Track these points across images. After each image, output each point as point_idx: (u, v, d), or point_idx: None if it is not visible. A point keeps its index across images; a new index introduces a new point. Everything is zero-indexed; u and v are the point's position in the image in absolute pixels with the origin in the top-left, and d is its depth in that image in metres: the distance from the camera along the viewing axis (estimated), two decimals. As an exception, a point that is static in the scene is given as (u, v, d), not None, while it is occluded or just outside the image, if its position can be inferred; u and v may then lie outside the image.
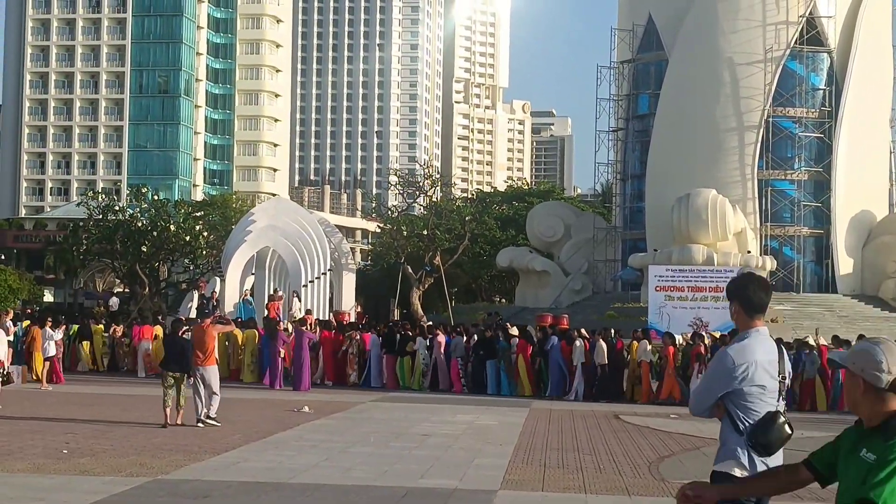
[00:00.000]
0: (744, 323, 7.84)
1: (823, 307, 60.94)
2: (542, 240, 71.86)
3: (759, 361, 7.59)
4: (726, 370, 7.57)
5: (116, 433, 21.81)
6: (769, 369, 7.61)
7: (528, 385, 36.19)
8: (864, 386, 5.28)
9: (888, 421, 5.22)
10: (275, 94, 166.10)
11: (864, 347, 5.36)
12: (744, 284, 7.95)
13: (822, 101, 65.83)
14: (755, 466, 7.46)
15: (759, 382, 7.56)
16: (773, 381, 7.62)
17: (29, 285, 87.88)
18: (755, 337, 7.71)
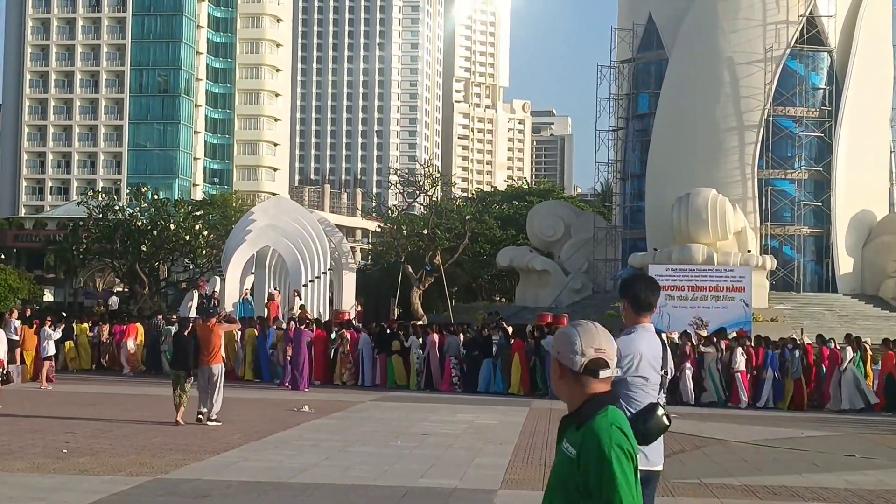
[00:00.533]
0: (631, 319, 8.26)
1: (823, 306, 60.96)
2: (543, 239, 71.86)
3: (643, 354, 8.07)
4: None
5: (116, 433, 21.79)
6: (653, 363, 8.09)
7: (518, 384, 36.15)
8: (561, 370, 5.10)
9: (581, 407, 5.02)
10: (275, 94, 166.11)
11: (563, 331, 5.17)
12: (633, 284, 8.37)
13: (822, 101, 65.83)
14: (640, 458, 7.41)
15: (643, 374, 8.04)
16: (656, 375, 8.11)
17: (29, 285, 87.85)
18: (641, 332, 8.17)
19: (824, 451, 22.29)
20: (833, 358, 34.00)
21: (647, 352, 8.11)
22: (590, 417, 4.92)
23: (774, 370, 34.19)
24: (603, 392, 5.03)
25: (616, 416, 4.94)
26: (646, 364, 8.08)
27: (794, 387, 34.25)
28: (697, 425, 26.80)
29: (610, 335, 5.15)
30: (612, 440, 4.81)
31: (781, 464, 20.07)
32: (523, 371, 36.38)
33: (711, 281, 44.47)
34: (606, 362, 5.04)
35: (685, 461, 20.05)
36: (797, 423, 28.66)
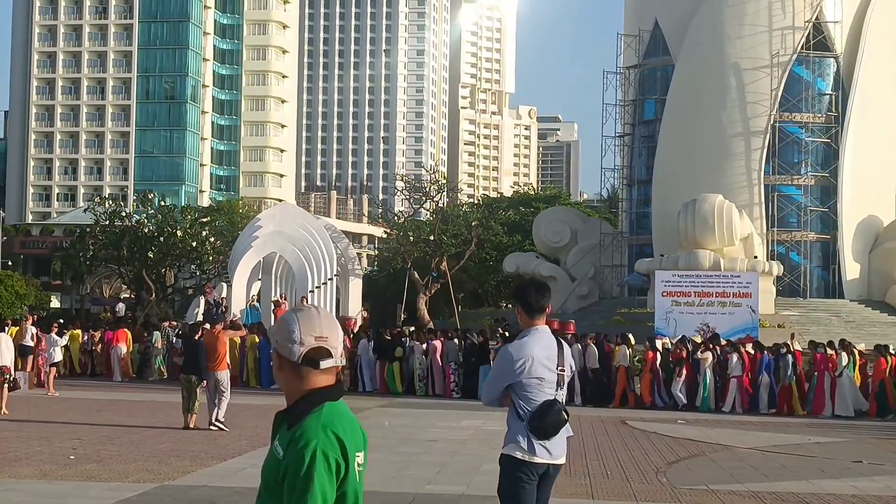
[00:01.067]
0: (526, 322, 8.70)
1: (830, 312, 60.84)
2: (549, 245, 71.79)
3: (535, 356, 8.49)
4: (508, 364, 8.58)
5: (123, 439, 21.81)
6: (546, 363, 8.52)
7: None
8: (280, 360, 4.60)
9: (296, 404, 4.52)
10: (281, 100, 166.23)
11: (282, 317, 4.69)
12: (524, 290, 8.81)
13: (828, 107, 65.75)
14: (534, 449, 8.48)
15: (537, 375, 8.48)
16: (551, 374, 8.53)
17: (35, 291, 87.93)
18: (534, 335, 8.58)
19: (831, 457, 22.28)
20: (825, 363, 34.00)
21: (539, 353, 8.51)
22: (303, 416, 4.45)
23: (770, 375, 34.19)
24: (325, 386, 4.50)
25: (331, 415, 4.44)
26: (539, 365, 8.49)
27: (786, 392, 34.22)
28: (704, 431, 26.79)
29: (335, 322, 4.61)
30: (318, 446, 4.32)
31: (789, 470, 20.05)
32: None
33: (718, 287, 44.49)
34: (329, 351, 4.48)
35: (692, 467, 20.04)
36: (804, 429, 28.63)
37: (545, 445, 8.52)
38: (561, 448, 8.69)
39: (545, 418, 8.48)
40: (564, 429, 8.64)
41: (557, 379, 8.60)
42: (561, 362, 8.64)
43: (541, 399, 8.53)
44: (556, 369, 8.60)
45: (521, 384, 8.53)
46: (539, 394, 8.53)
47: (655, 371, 34.67)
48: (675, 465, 20.22)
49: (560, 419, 8.50)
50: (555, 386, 8.59)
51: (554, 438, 8.57)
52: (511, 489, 8.62)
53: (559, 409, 8.52)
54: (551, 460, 8.61)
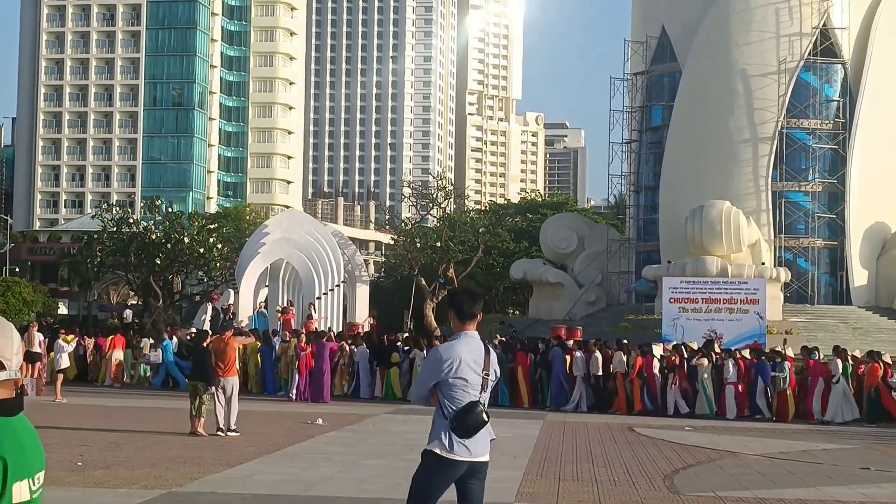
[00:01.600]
0: (458, 327, 9.22)
1: (838, 319, 60.76)
2: (556, 251, 71.76)
3: (463, 358, 8.98)
4: (436, 364, 9.12)
5: (130, 445, 21.83)
6: (473, 366, 9.01)
7: (526, 396, 36.22)
8: None
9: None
10: (288, 107, 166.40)
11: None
12: (459, 297, 9.38)
13: (835, 113, 65.72)
14: (453, 447, 9.00)
15: (462, 376, 8.95)
16: (476, 376, 9.01)
17: (43, 298, 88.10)
18: (463, 339, 9.12)
19: (839, 463, 22.24)
20: (818, 369, 33.99)
21: (467, 356, 9.01)
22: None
23: (766, 382, 34.18)
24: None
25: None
26: (465, 367, 8.98)
27: (783, 398, 34.20)
28: (711, 438, 26.77)
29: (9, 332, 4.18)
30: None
31: (796, 476, 20.02)
32: (526, 384, 36.46)
33: (725, 293, 44.40)
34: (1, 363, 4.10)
35: (699, 474, 20.02)
36: (812, 435, 28.59)
37: (465, 444, 9.00)
38: (483, 447, 9.15)
39: (467, 418, 8.96)
40: (487, 429, 9.12)
41: (482, 382, 9.08)
42: (487, 367, 9.12)
43: (465, 400, 9.00)
44: (481, 373, 9.07)
45: (448, 384, 9.02)
46: (463, 394, 9.01)
47: (644, 377, 34.69)
48: (682, 471, 20.19)
49: (481, 420, 8.98)
50: (479, 388, 9.06)
51: (475, 437, 9.03)
52: (424, 479, 9.26)
53: (481, 410, 8.99)
54: (471, 458, 9.09)
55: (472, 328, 9.22)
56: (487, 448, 9.26)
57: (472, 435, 9.03)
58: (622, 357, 35.10)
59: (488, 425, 9.13)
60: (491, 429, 9.23)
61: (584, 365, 35.29)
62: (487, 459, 9.31)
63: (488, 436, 9.21)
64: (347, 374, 38.86)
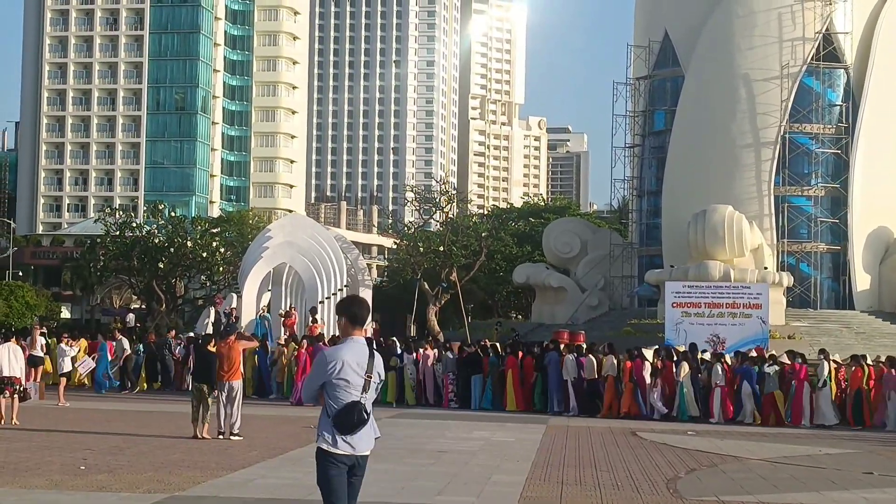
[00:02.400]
0: (346, 332, 9.99)
1: (840, 324, 60.74)
2: (559, 256, 71.74)
3: (346, 361, 9.76)
4: (323, 366, 9.87)
5: (134, 449, 21.84)
6: (356, 368, 9.78)
7: (514, 400, 36.27)
8: None
9: None
10: (291, 111, 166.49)
11: None
12: (351, 303, 10.17)
13: (838, 118, 65.70)
14: (337, 442, 9.77)
15: (345, 377, 9.73)
16: (359, 378, 9.78)
17: (46, 302, 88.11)
18: (350, 343, 9.91)
19: (842, 468, 22.23)
20: (803, 374, 34.03)
21: (350, 359, 9.80)
22: None
23: (752, 385, 34.21)
24: None
25: None
26: (348, 369, 9.76)
27: (770, 402, 34.22)
28: (714, 442, 26.76)
29: None
30: None
31: (799, 481, 20.02)
32: (516, 388, 36.50)
33: (728, 298, 44.37)
34: None
35: (702, 478, 20.01)
36: (815, 440, 28.58)
37: (348, 440, 9.79)
38: (365, 443, 9.93)
39: (349, 417, 9.75)
40: (370, 427, 9.91)
41: (364, 383, 9.83)
42: (370, 370, 9.88)
43: (347, 399, 9.78)
44: (363, 375, 9.83)
45: (332, 384, 9.80)
46: (346, 394, 9.78)
47: (635, 380, 34.73)
48: (685, 476, 20.19)
49: (361, 418, 9.79)
50: (361, 389, 9.83)
51: (357, 434, 9.82)
52: (324, 477, 9.88)
53: (361, 409, 9.78)
54: (354, 453, 9.86)
55: (359, 333, 9.98)
56: (371, 444, 10.01)
57: (353, 432, 9.80)
58: (613, 361, 35.14)
59: (372, 423, 9.94)
60: (375, 426, 10.00)
61: (574, 368, 35.36)
62: (368, 453, 10.03)
63: (372, 433, 9.97)
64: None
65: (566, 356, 35.78)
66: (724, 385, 34.01)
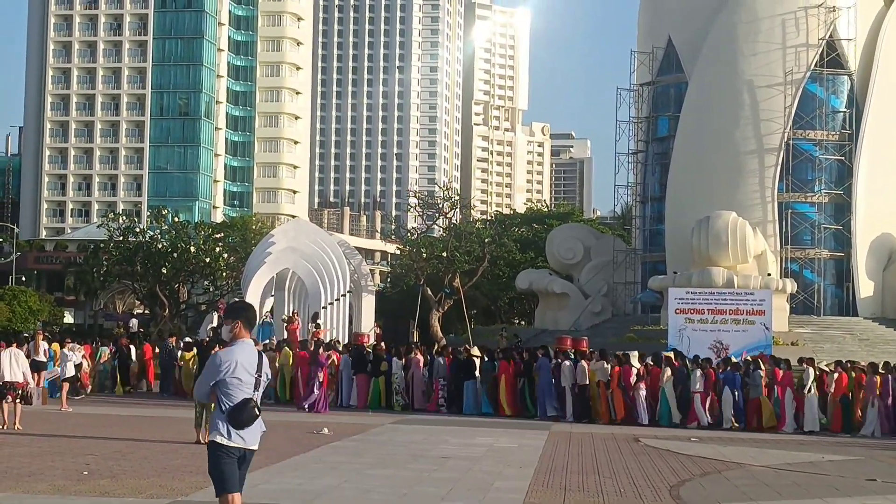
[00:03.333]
0: (240, 335, 11.04)
1: (844, 330, 60.72)
2: (562, 262, 71.74)
3: (239, 361, 10.88)
4: (215, 366, 10.95)
5: (137, 454, 21.83)
6: (247, 368, 10.90)
7: (506, 405, 36.33)
8: None
9: None
10: (295, 117, 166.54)
11: None
12: (245, 309, 11.36)
13: (842, 124, 65.72)
14: (230, 436, 10.89)
15: (238, 376, 10.84)
16: (250, 377, 10.91)
17: (49, 306, 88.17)
18: (241, 345, 11.00)
19: (845, 475, 22.20)
20: (787, 380, 34.03)
21: (242, 359, 10.92)
22: None
23: (735, 391, 34.21)
24: None
25: None
26: (241, 368, 10.87)
27: (755, 407, 34.24)
28: (717, 449, 26.74)
29: None
30: None
31: (802, 488, 19.99)
32: (508, 393, 36.54)
33: (731, 304, 44.32)
34: None
35: (705, 485, 19.99)
36: (818, 447, 28.54)
37: (240, 434, 10.89)
38: (254, 437, 11.06)
39: (241, 412, 10.84)
40: (259, 422, 11.00)
41: (255, 382, 10.96)
42: (259, 370, 11.03)
43: (240, 397, 10.88)
44: (254, 374, 10.96)
45: (225, 382, 10.87)
46: (238, 391, 10.89)
47: (623, 386, 34.76)
48: (688, 482, 20.16)
49: (253, 414, 10.90)
50: (252, 387, 10.96)
51: (248, 428, 10.92)
52: (217, 467, 10.95)
53: (253, 406, 10.90)
54: (245, 445, 10.99)
55: (248, 336, 11.12)
56: (258, 438, 11.14)
57: (246, 426, 10.92)
58: (604, 366, 35.16)
59: (260, 418, 11.00)
60: (262, 422, 11.10)
61: (571, 374, 35.36)
62: (256, 448, 11.18)
63: (259, 428, 11.09)
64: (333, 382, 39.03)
65: (564, 362, 35.78)
66: (703, 392, 34.08)
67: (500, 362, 37.09)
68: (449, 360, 37.95)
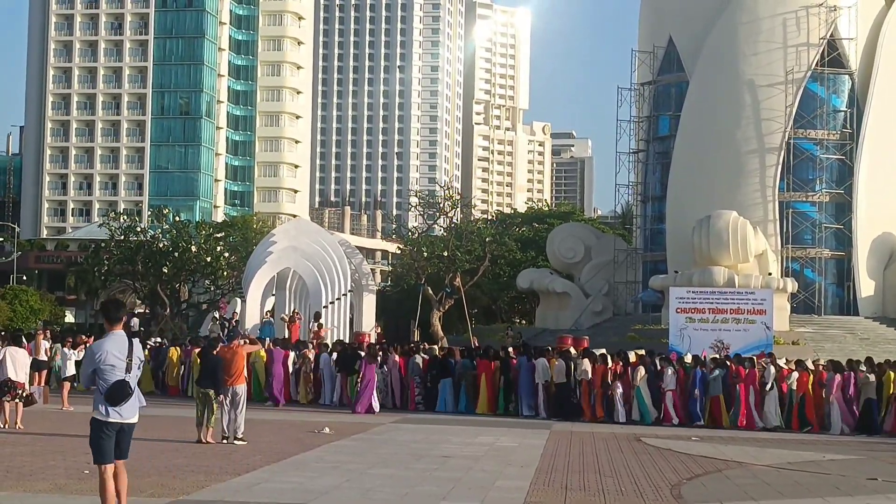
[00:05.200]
0: (108, 328, 13.19)
1: (845, 329, 60.72)
2: (563, 261, 71.75)
3: (109, 350, 12.97)
4: (91, 356, 13.13)
5: (138, 454, 21.75)
6: (118, 355, 12.97)
7: (485, 404, 36.46)
8: None
9: None
10: (295, 116, 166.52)
11: None
12: (108, 306, 13.49)
13: (843, 123, 65.71)
14: (108, 413, 12.98)
15: (110, 363, 12.96)
16: (121, 362, 12.97)
17: (50, 306, 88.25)
18: (111, 336, 13.12)
19: (846, 474, 22.21)
20: (750, 377, 34.10)
21: (112, 348, 12.98)
22: None
23: (693, 389, 34.33)
24: None
25: None
26: (111, 356, 12.95)
27: (716, 405, 34.29)
28: (719, 448, 26.75)
29: None
30: None
31: (803, 487, 20.00)
32: (488, 391, 36.66)
33: (732, 304, 44.30)
34: None
35: (706, 484, 20.00)
36: (819, 446, 28.55)
37: (117, 410, 12.95)
38: (130, 412, 13.10)
39: (117, 392, 12.91)
40: (135, 399, 13.10)
41: (126, 365, 12.99)
42: (130, 355, 13.03)
43: (114, 379, 12.93)
44: (125, 359, 12.98)
45: (101, 369, 12.97)
46: (113, 375, 12.95)
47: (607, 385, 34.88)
48: (689, 482, 20.16)
49: (126, 392, 12.95)
50: (124, 370, 12.99)
51: (123, 405, 12.96)
52: (96, 440, 13.07)
53: (126, 385, 12.95)
54: (122, 420, 13.06)
55: (118, 328, 13.15)
56: (135, 412, 13.20)
57: (120, 404, 12.96)
58: (587, 366, 35.27)
59: (137, 395, 13.10)
60: (141, 397, 13.29)
61: (545, 372, 35.55)
62: (135, 421, 13.25)
63: (137, 403, 13.19)
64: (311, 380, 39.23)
65: (537, 360, 36.06)
66: (675, 389, 34.22)
67: (480, 361, 37.26)
68: (426, 359, 38.13)
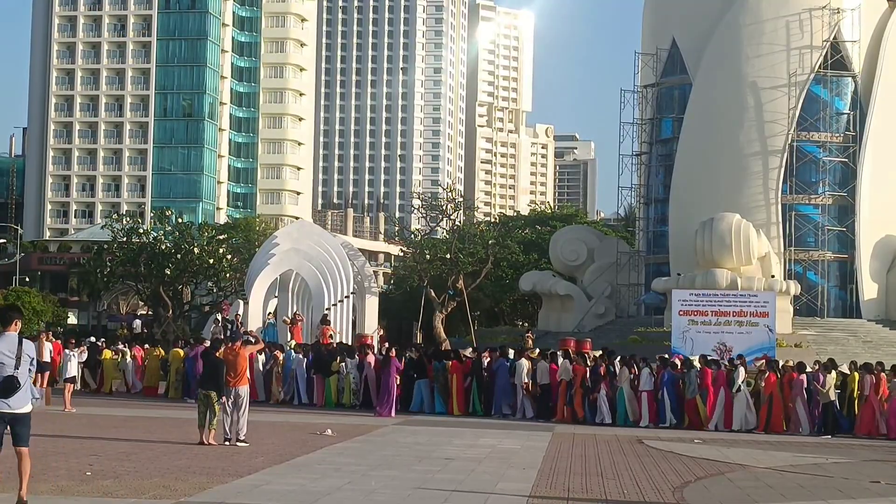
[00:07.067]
0: (1, 330, 14.74)
1: (847, 332, 60.66)
2: (566, 264, 71.71)
3: (0, 350, 14.52)
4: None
5: (140, 455, 21.83)
6: (7, 353, 14.57)
7: (457, 403, 36.58)
8: None
9: None
10: (298, 118, 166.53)
11: None
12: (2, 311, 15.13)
13: (846, 126, 65.67)
14: (4, 406, 14.55)
15: (1, 360, 14.50)
16: (10, 360, 14.58)
17: (53, 307, 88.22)
18: (4, 336, 14.71)
19: (849, 477, 22.19)
20: (719, 379, 34.13)
21: (3, 347, 14.61)
22: None
23: (664, 391, 34.38)
24: None
25: None
26: (2, 354, 14.54)
27: (691, 407, 34.33)
28: (721, 451, 26.73)
29: None
30: None
31: (806, 490, 19.98)
32: (458, 392, 36.78)
33: (735, 306, 44.31)
34: None
35: (709, 487, 19.98)
36: (821, 448, 28.53)
37: (6, 402, 14.53)
38: (19, 403, 14.65)
39: (5, 386, 14.50)
40: (25, 392, 14.65)
41: (15, 362, 14.55)
42: (19, 353, 14.63)
43: (3, 374, 14.49)
44: (13, 357, 14.55)
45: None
46: (2, 371, 14.51)
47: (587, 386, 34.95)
48: (691, 484, 20.15)
49: (13, 385, 14.53)
50: (13, 367, 14.56)
51: (12, 397, 14.53)
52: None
53: (14, 379, 14.55)
54: (12, 410, 14.60)
55: (12, 330, 14.78)
56: (26, 404, 14.75)
57: (9, 396, 14.52)
58: (568, 366, 35.34)
59: (27, 388, 14.68)
60: (34, 390, 15.12)
61: (523, 374, 35.67)
62: (28, 411, 14.81)
63: (28, 395, 14.75)
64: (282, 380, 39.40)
65: (519, 361, 36.19)
66: (651, 390, 34.30)
67: (451, 362, 37.38)
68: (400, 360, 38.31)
